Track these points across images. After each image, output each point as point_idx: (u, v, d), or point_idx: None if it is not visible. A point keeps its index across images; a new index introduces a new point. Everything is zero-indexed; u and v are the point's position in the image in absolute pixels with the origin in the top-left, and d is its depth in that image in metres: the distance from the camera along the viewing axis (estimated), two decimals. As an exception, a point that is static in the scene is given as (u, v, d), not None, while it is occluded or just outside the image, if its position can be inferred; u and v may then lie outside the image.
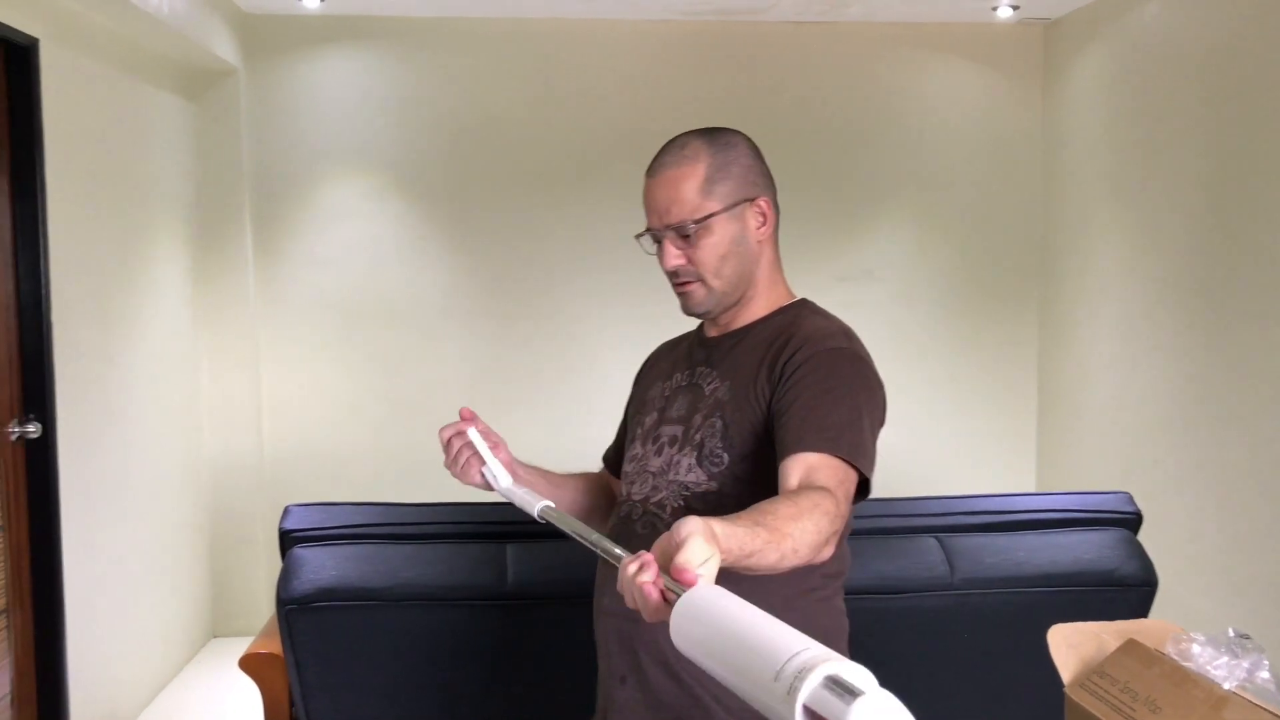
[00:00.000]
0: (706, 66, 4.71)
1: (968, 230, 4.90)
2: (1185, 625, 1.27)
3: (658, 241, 1.62)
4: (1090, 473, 4.42)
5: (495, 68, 4.70)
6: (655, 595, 1.08)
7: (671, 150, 1.62)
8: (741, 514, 1.24)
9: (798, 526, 1.27)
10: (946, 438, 4.95)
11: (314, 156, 4.65)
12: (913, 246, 4.89)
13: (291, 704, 2.49)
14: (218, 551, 4.57)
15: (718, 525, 1.16)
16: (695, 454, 1.56)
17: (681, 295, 1.62)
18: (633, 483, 1.66)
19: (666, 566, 1.08)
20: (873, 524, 2.50)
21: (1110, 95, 4.27)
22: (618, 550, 1.18)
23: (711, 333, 1.69)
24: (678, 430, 1.61)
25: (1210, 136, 3.61)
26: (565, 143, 4.74)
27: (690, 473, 1.56)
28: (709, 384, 1.62)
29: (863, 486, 1.47)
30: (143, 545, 3.83)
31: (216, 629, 4.59)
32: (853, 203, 4.81)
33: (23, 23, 3.02)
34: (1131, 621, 1.29)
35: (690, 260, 1.58)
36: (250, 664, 2.50)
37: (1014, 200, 4.88)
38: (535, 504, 1.47)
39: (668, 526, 1.51)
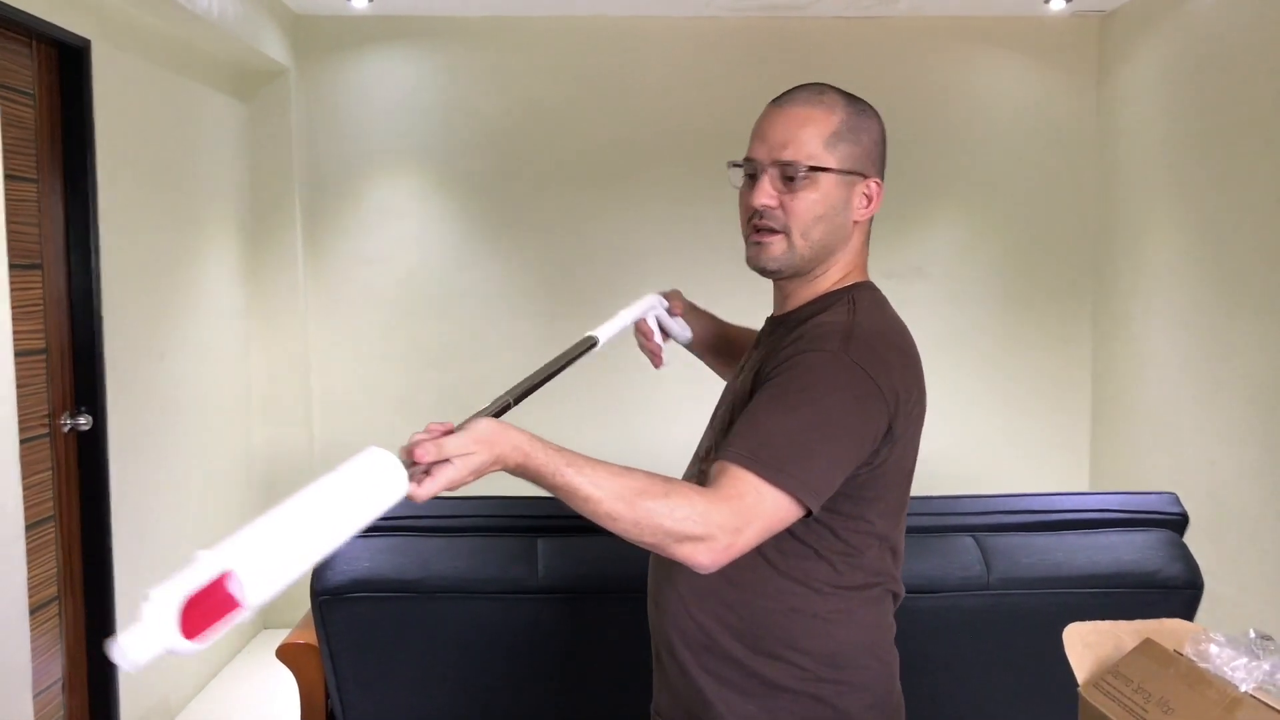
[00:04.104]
0: (752, 63, 4.68)
1: (1020, 227, 4.82)
2: (1238, 630, 1.23)
3: (752, 176, 1.49)
4: (1145, 474, 4.32)
5: (541, 66, 4.72)
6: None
7: (808, 90, 1.51)
8: (579, 455, 1.26)
9: (626, 500, 1.23)
10: (998, 438, 4.87)
11: (363, 155, 4.71)
12: (963, 243, 4.82)
13: (328, 694, 2.53)
14: (268, 544, 4.64)
15: (524, 438, 1.23)
16: (717, 446, 1.52)
17: (756, 244, 1.49)
18: (688, 465, 1.64)
19: None
20: (908, 522, 2.46)
21: (1169, 89, 4.17)
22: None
23: (775, 310, 1.60)
24: (720, 415, 1.58)
25: (1273, 131, 3.51)
26: (611, 141, 4.74)
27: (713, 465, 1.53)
28: (743, 372, 1.56)
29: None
30: (193, 536, 3.90)
31: (267, 620, 4.66)
32: (902, 199, 4.75)
33: (75, 24, 3.09)
34: (1150, 621, 1.26)
35: (783, 208, 1.46)
36: (287, 654, 2.53)
37: (1067, 196, 4.79)
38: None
39: None
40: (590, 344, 1.59)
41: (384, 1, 4.42)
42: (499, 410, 1.28)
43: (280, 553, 0.95)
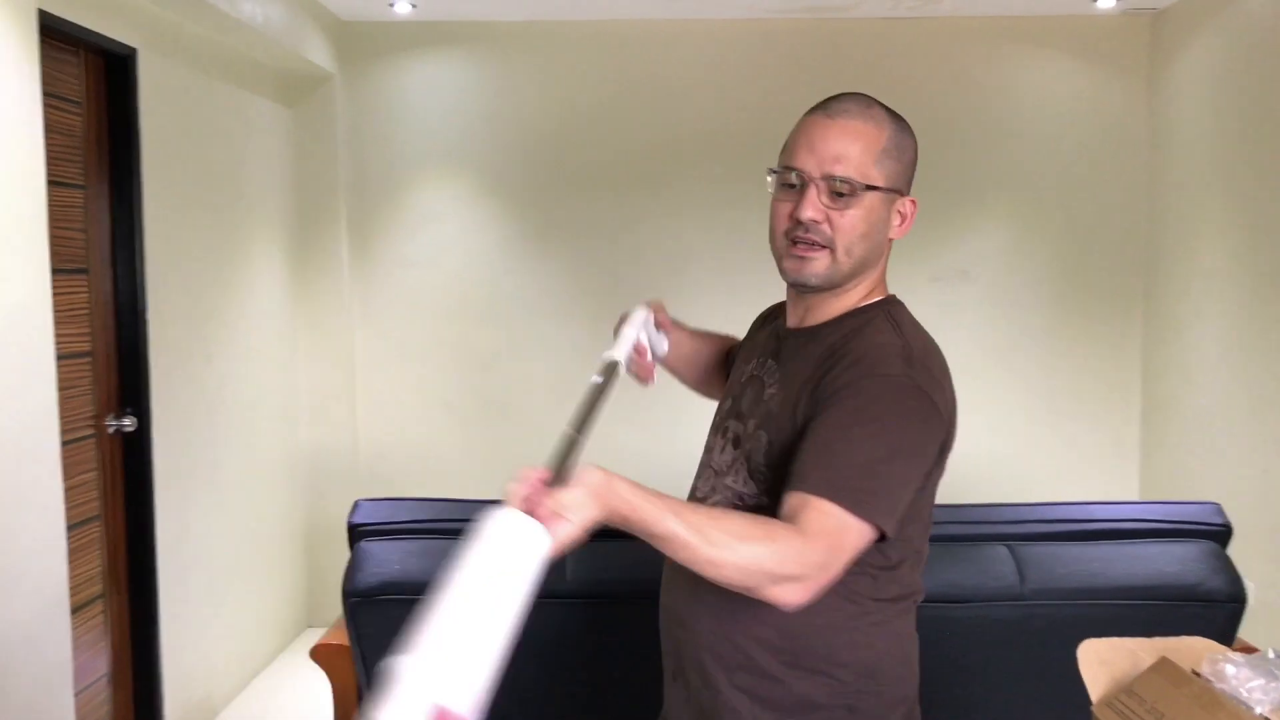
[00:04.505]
0: (795, 65, 4.65)
1: (1068, 229, 4.74)
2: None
3: (793, 186, 1.46)
4: (1196, 481, 4.23)
5: (583, 70, 4.73)
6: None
7: (855, 101, 1.49)
8: (676, 500, 1.24)
9: (730, 546, 1.22)
10: (1045, 444, 4.79)
11: (406, 160, 4.75)
12: (1009, 246, 4.75)
13: (360, 695, 2.55)
14: (313, 544, 4.71)
15: (627, 487, 1.19)
16: (747, 464, 1.50)
17: (799, 259, 1.46)
18: (700, 475, 1.61)
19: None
20: (940, 530, 2.42)
21: (1221, 88, 4.07)
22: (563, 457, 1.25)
23: (790, 321, 1.57)
24: (740, 430, 1.54)
25: (1323, 129, 3.42)
26: (653, 144, 4.74)
27: (746, 485, 1.50)
28: (769, 386, 1.52)
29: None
30: (237, 536, 3.96)
31: (311, 619, 4.72)
32: (946, 201, 4.70)
33: (122, 34, 3.15)
34: (1169, 639, 1.23)
35: (830, 223, 1.44)
36: (321, 654, 2.56)
37: (1116, 198, 4.70)
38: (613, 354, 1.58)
39: None
40: (615, 368, 1.57)
41: (427, 8, 4.46)
42: (569, 448, 1.27)
43: (472, 658, 0.98)
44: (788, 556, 1.25)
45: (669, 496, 1.24)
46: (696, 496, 1.59)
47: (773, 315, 1.71)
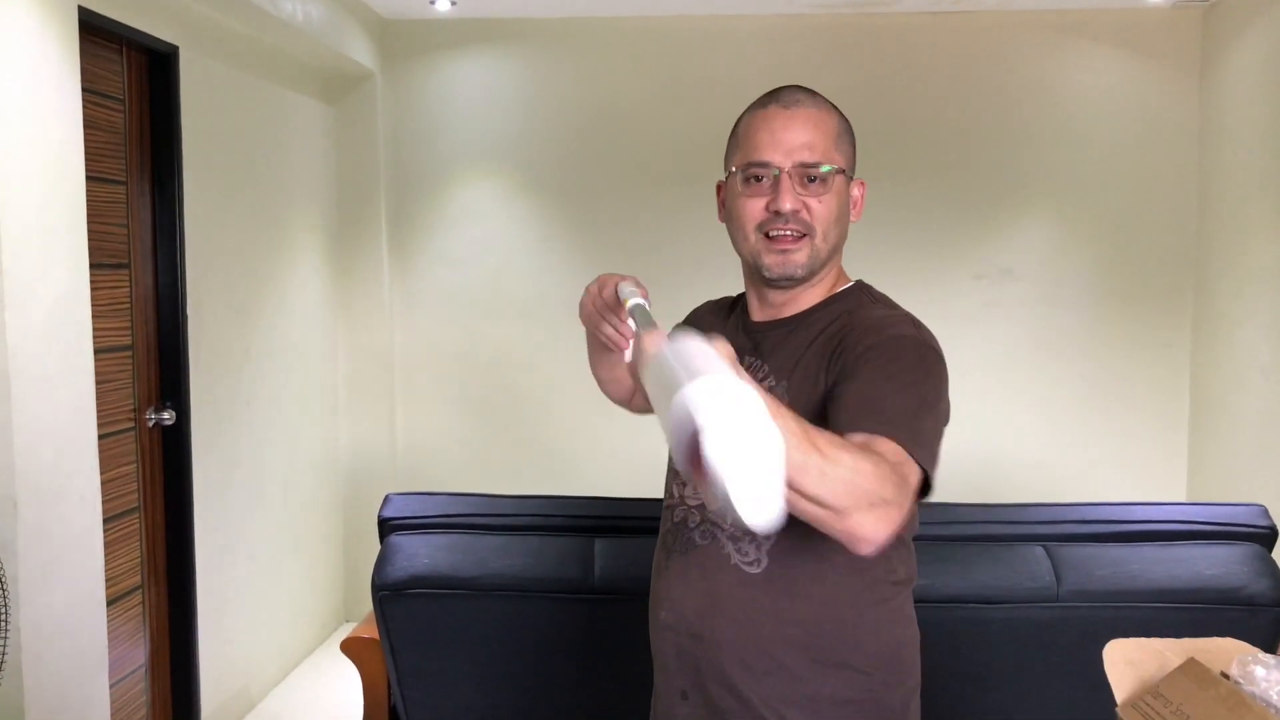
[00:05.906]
0: (838, 60, 4.60)
1: (1115, 227, 4.64)
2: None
3: (758, 180, 1.46)
4: (1246, 485, 4.12)
5: (624, 67, 4.72)
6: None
7: (802, 91, 1.49)
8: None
9: (837, 457, 1.12)
10: (1091, 445, 4.70)
11: (447, 157, 4.77)
12: (1055, 243, 4.67)
13: (389, 688, 2.56)
14: (351, 538, 4.74)
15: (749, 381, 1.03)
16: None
17: (783, 251, 1.45)
18: (685, 484, 1.55)
19: None
20: (976, 530, 2.40)
21: (1275, 83, 3.97)
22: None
23: (759, 316, 1.55)
24: None
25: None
26: (694, 141, 4.71)
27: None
28: (761, 380, 1.48)
29: (924, 488, 1.30)
30: (275, 530, 4.00)
31: (349, 614, 4.75)
32: (991, 198, 4.63)
33: (164, 32, 3.19)
34: (1199, 640, 1.19)
35: (807, 210, 1.44)
36: (351, 648, 2.58)
37: (1166, 196, 4.60)
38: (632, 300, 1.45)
39: (729, 536, 1.49)
40: (641, 308, 1.44)
41: (467, 5, 4.47)
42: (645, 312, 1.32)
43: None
44: (885, 477, 1.16)
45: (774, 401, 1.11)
46: (689, 504, 1.53)
47: (716, 320, 1.67)
